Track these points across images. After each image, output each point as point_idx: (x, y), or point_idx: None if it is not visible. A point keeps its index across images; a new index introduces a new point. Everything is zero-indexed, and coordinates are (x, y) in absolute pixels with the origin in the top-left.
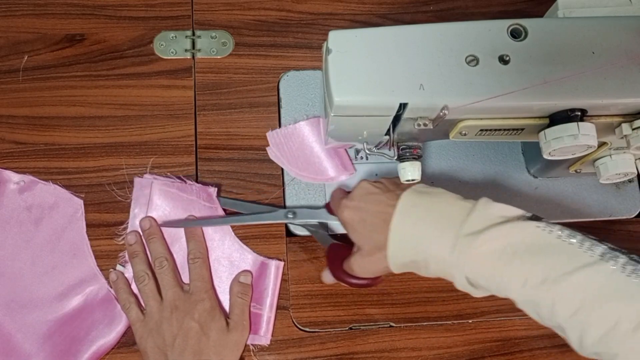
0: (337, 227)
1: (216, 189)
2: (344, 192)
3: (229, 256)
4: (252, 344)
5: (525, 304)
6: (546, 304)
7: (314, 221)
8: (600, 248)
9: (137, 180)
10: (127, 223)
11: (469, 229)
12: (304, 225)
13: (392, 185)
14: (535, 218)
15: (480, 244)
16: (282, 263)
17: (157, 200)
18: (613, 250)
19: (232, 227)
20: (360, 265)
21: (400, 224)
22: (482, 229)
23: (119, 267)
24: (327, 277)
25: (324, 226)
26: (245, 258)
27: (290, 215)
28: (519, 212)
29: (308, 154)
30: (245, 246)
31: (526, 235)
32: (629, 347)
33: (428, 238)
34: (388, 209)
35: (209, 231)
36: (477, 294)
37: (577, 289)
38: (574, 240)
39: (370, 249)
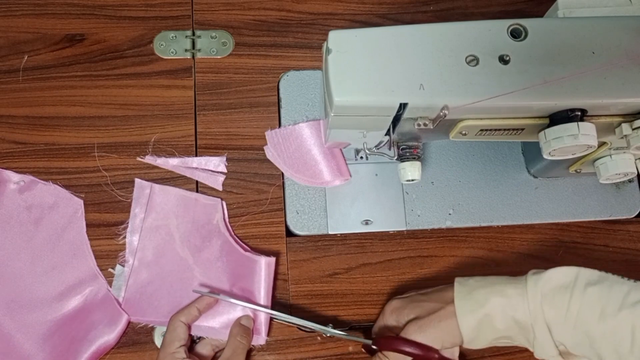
0: None
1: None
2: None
3: (218, 256)
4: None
5: (602, 340)
6: (626, 332)
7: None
8: None
9: (137, 181)
10: (127, 223)
11: (533, 272)
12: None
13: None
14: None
15: (548, 277)
16: (273, 259)
17: (157, 200)
18: None
19: (232, 226)
20: (424, 330)
21: (463, 282)
22: (544, 270)
23: (118, 267)
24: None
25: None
26: (234, 256)
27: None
28: None
29: (305, 156)
30: (235, 244)
31: (588, 272)
32: None
33: (496, 284)
34: (441, 291)
35: (203, 231)
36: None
37: None
38: (626, 278)
39: (434, 310)
